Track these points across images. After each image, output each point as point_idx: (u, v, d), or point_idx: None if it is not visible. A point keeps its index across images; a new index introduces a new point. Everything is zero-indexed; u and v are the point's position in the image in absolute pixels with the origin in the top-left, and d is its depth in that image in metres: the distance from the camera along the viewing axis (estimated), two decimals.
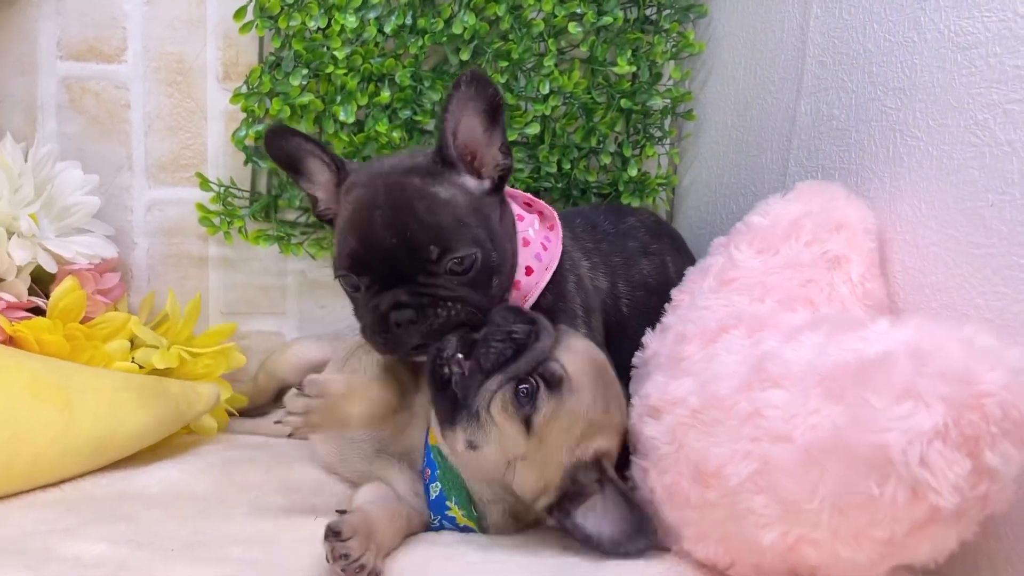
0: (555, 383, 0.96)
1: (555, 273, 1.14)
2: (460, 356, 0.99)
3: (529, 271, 1.12)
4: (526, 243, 1.13)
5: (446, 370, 0.98)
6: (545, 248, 1.15)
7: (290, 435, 0.95)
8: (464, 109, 1.03)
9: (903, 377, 0.70)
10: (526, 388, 0.95)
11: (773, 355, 0.84)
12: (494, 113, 1.04)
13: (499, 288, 1.06)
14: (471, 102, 1.03)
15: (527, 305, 1.12)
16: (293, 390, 0.99)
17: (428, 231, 0.99)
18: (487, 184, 1.07)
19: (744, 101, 1.45)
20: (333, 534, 0.88)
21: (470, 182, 1.06)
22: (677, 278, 1.23)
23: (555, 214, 1.20)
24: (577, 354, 1.01)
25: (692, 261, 1.38)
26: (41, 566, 0.88)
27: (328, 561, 0.87)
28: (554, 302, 1.14)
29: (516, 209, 1.17)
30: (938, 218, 0.98)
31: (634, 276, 1.28)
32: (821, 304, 0.97)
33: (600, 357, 1.05)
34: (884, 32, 1.10)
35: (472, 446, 0.97)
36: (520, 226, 1.15)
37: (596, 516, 0.97)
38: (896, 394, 0.69)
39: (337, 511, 0.95)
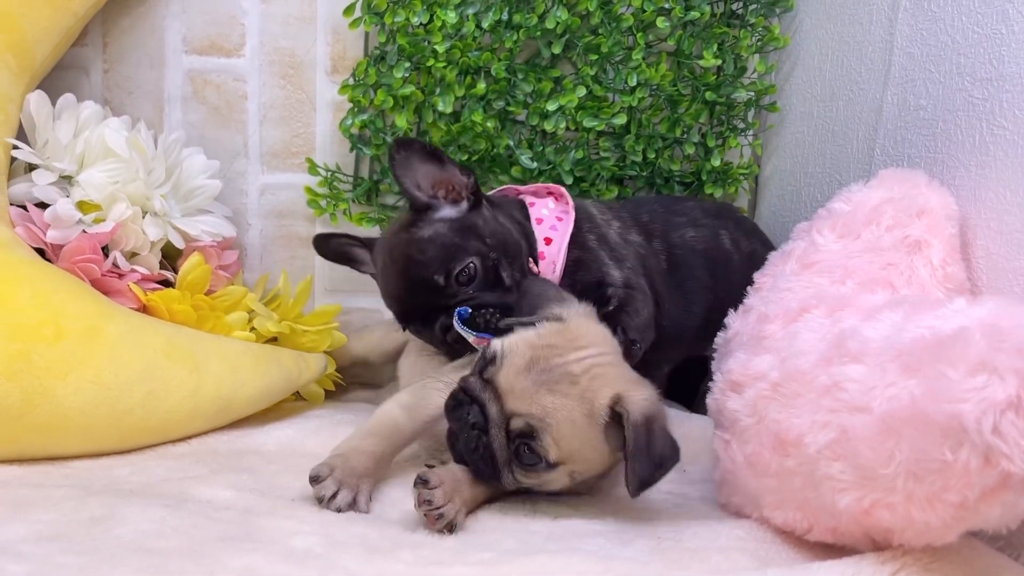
0: (531, 433, 0.99)
1: (576, 235, 1.29)
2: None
3: (548, 241, 1.29)
4: (539, 221, 1.31)
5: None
6: (560, 219, 1.31)
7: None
8: (410, 166, 1.23)
9: (978, 351, 0.73)
10: (526, 460, 1.01)
11: (853, 332, 0.88)
12: (435, 156, 1.23)
13: (518, 271, 1.23)
14: (411, 159, 1.23)
15: (558, 266, 1.27)
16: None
17: (427, 266, 1.19)
18: (465, 205, 1.24)
19: (830, 92, 1.48)
20: (422, 482, 0.97)
21: (449, 211, 1.24)
22: (735, 250, 1.41)
23: (565, 191, 1.35)
24: (515, 381, 1.00)
25: (765, 243, 1.44)
26: (178, 506, 0.98)
27: (415, 506, 0.97)
28: (579, 256, 1.29)
29: (529, 199, 1.35)
30: (1022, 205, 1.00)
31: (674, 239, 1.41)
32: (901, 287, 1.01)
33: (525, 355, 1.02)
34: (972, 24, 1.12)
35: (539, 489, 1.06)
36: (532, 211, 1.32)
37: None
38: (971, 367, 0.73)
39: (427, 465, 1.05)
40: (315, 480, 1.02)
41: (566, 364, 1.01)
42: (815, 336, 0.94)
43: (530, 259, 1.27)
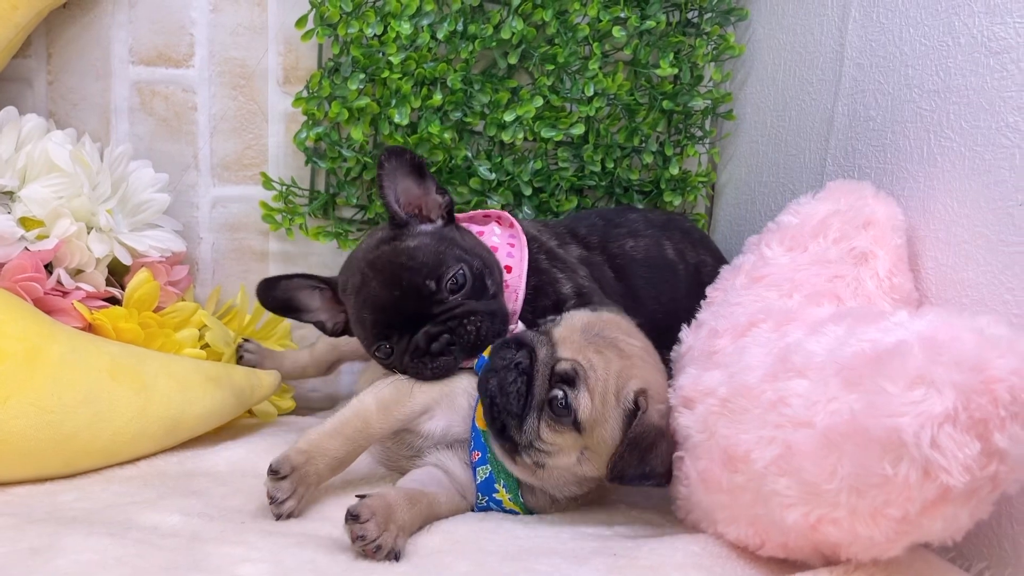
0: (572, 378, 1.03)
1: (529, 259, 1.29)
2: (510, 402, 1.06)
3: (508, 269, 1.28)
4: (495, 249, 1.30)
5: (501, 423, 1.07)
6: (512, 245, 1.31)
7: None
8: (394, 179, 1.22)
9: (916, 365, 0.74)
10: (558, 401, 1.03)
11: (797, 347, 0.88)
12: (419, 170, 1.24)
13: (495, 287, 1.23)
14: (397, 171, 1.22)
15: (520, 295, 1.27)
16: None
17: (418, 272, 1.17)
18: (440, 223, 1.25)
19: (783, 102, 1.48)
20: (352, 517, 0.94)
21: (426, 227, 1.24)
22: (679, 260, 1.41)
23: (508, 215, 1.34)
24: (569, 334, 1.08)
25: (714, 254, 1.44)
26: (123, 534, 0.96)
27: (351, 543, 0.94)
28: (538, 281, 1.29)
29: (473, 228, 1.34)
30: (970, 216, 1.01)
31: (613, 249, 1.42)
32: (847, 299, 1.01)
33: (584, 318, 1.12)
34: (920, 36, 1.13)
35: (540, 465, 1.07)
36: (483, 240, 1.31)
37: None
38: (909, 381, 0.73)
39: (357, 495, 0.99)
40: (275, 474, 1.02)
41: (616, 339, 1.08)
42: (762, 351, 0.94)
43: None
